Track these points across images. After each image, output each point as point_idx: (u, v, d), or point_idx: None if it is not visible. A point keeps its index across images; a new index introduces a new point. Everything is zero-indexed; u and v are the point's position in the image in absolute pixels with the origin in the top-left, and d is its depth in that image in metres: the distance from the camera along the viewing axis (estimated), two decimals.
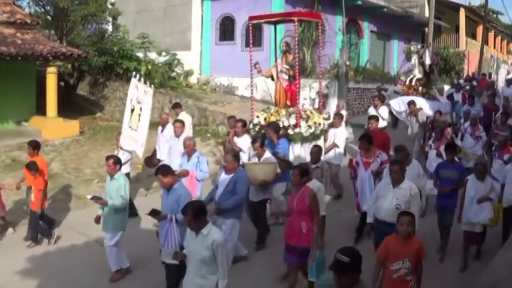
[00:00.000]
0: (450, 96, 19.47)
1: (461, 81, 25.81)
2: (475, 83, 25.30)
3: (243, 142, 11.34)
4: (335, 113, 14.39)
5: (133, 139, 11.02)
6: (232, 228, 8.29)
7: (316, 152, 9.84)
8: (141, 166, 12.93)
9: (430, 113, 15.58)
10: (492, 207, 8.77)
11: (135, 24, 23.58)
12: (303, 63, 23.32)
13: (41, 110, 18.39)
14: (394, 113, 17.61)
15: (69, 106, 20.18)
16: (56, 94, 18.08)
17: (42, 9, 22.44)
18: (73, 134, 18.03)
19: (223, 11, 23.55)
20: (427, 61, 17.40)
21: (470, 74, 32.78)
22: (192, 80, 23.95)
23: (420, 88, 17.37)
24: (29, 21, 19.28)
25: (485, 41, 35.09)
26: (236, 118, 12.46)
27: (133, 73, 12.45)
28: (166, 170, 7.47)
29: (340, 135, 12.37)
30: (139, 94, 11.03)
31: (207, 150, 16.13)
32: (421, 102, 16.22)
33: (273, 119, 12.82)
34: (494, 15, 49.47)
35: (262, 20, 14.63)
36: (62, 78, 21.07)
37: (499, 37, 45.55)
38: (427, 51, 17.63)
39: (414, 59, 17.62)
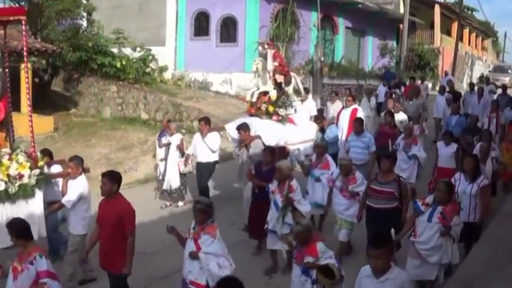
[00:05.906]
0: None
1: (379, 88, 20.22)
2: (400, 89, 20.45)
3: None
4: (70, 156, 8.95)
5: None
6: None
7: None
8: None
9: (273, 143, 10.76)
10: None
11: (110, 20, 23.52)
12: None
13: (15, 106, 18.22)
14: (231, 140, 12.19)
15: (44, 102, 20.09)
16: (30, 90, 17.96)
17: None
18: (47, 130, 17.90)
19: (198, 6, 23.60)
20: (269, 67, 11.70)
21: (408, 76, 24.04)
22: (167, 75, 23.98)
23: (265, 106, 11.54)
24: None
25: (460, 38, 35.67)
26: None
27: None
28: None
29: (74, 190, 8.27)
30: None
31: None
32: (262, 126, 11.23)
33: None
34: (469, 12, 50.02)
35: None
36: (36, 74, 20.98)
37: (474, 34, 46.18)
38: (268, 52, 11.80)
39: (257, 63, 11.76)
